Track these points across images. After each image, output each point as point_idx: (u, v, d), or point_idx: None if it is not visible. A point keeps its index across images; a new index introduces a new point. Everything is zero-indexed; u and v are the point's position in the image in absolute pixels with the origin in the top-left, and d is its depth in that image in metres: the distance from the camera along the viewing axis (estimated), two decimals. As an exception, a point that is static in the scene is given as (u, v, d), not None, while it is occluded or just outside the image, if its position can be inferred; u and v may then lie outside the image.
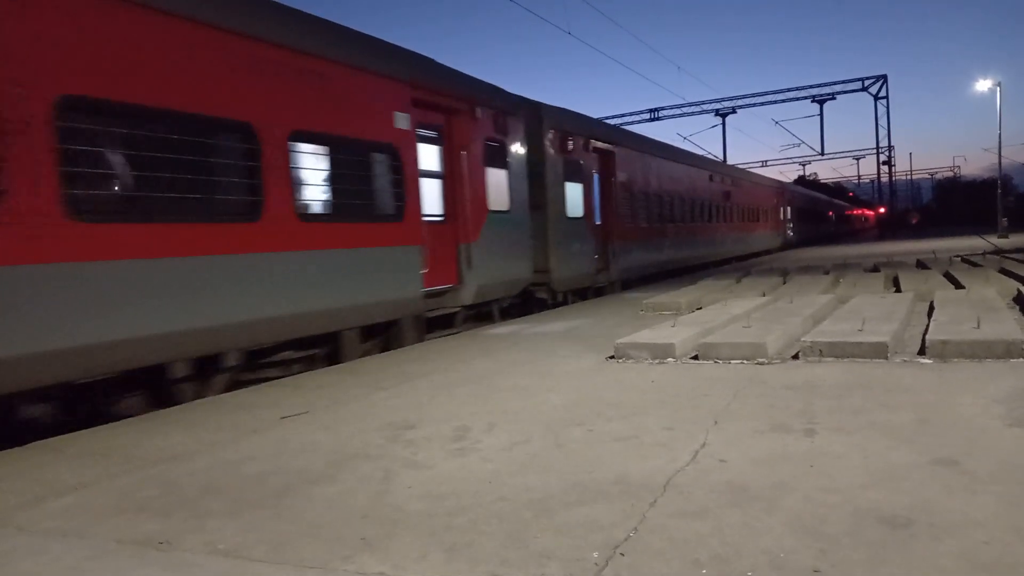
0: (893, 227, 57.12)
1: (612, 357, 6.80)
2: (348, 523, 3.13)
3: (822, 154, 53.46)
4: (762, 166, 69.29)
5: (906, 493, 3.06)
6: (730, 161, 51.18)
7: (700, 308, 10.03)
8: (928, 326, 6.74)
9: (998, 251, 20.74)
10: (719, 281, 14.43)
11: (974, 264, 15.41)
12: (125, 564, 2.85)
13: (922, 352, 6.04)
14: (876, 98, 47.50)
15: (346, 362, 7.89)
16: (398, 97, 8.91)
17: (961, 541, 2.58)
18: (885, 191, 58.79)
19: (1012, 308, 8.22)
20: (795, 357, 6.24)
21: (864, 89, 47.03)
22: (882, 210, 64.01)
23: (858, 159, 79.46)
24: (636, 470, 3.57)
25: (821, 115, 48.64)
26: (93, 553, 2.97)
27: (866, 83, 46.90)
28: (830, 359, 6.07)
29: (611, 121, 39.61)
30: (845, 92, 46.99)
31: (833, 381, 5.29)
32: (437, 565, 2.66)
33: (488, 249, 10.67)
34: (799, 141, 79.13)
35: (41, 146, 5.18)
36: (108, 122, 5.73)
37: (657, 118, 51.35)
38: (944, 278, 11.98)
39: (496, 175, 11.15)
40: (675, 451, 3.84)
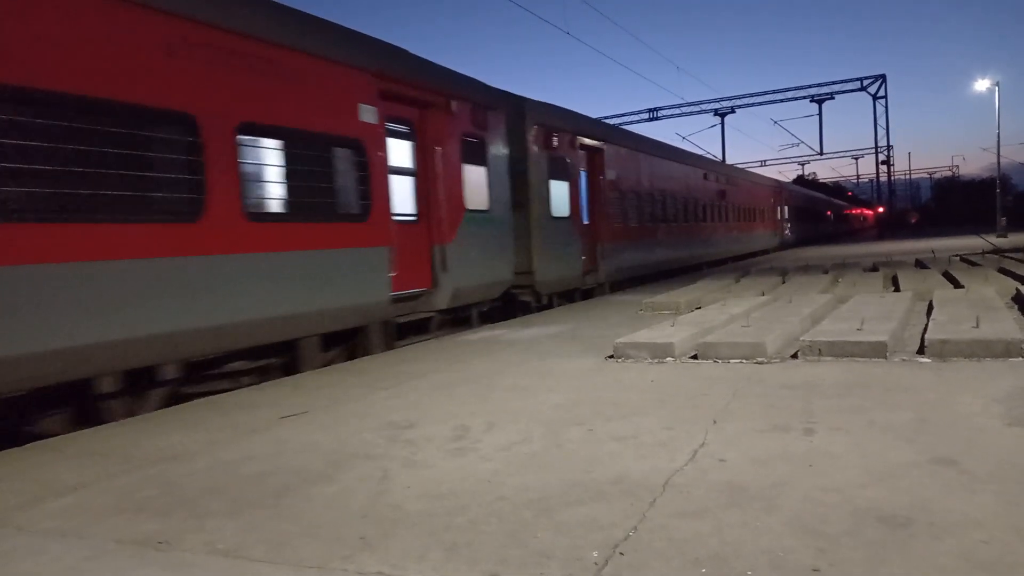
0: (892, 227, 57.20)
1: (611, 357, 6.81)
2: (347, 523, 3.13)
3: (821, 154, 53.53)
4: (761, 166, 69.33)
5: (905, 492, 3.06)
6: (729, 161, 51.21)
7: (699, 308, 10.04)
8: (927, 325, 6.75)
9: (997, 250, 20.76)
10: (718, 281, 14.44)
11: (973, 263, 15.43)
12: (124, 564, 2.85)
13: (921, 351, 6.04)
14: (875, 98, 47.55)
15: (306, 371, 7.38)
16: (363, 89, 8.35)
17: (960, 540, 2.58)
18: (884, 191, 58.86)
19: (1011, 307, 8.23)
20: (794, 356, 6.24)
21: (863, 89, 47.08)
22: (881, 210, 64.05)
23: (857, 159, 79.37)
24: (635, 470, 3.58)
25: (820, 115, 48.76)
26: (92, 553, 2.97)
27: (865, 83, 46.96)
28: (829, 358, 6.07)
29: (610, 121, 39.61)
30: (844, 92, 47.09)
31: (832, 380, 5.30)
32: (436, 564, 2.66)
33: (465, 250, 10.10)
34: (798, 141, 78.98)
35: None
36: (13, 111, 5.06)
37: (656, 118, 51.39)
38: (943, 277, 11.99)
39: (474, 172, 10.58)
40: (674, 451, 3.85)
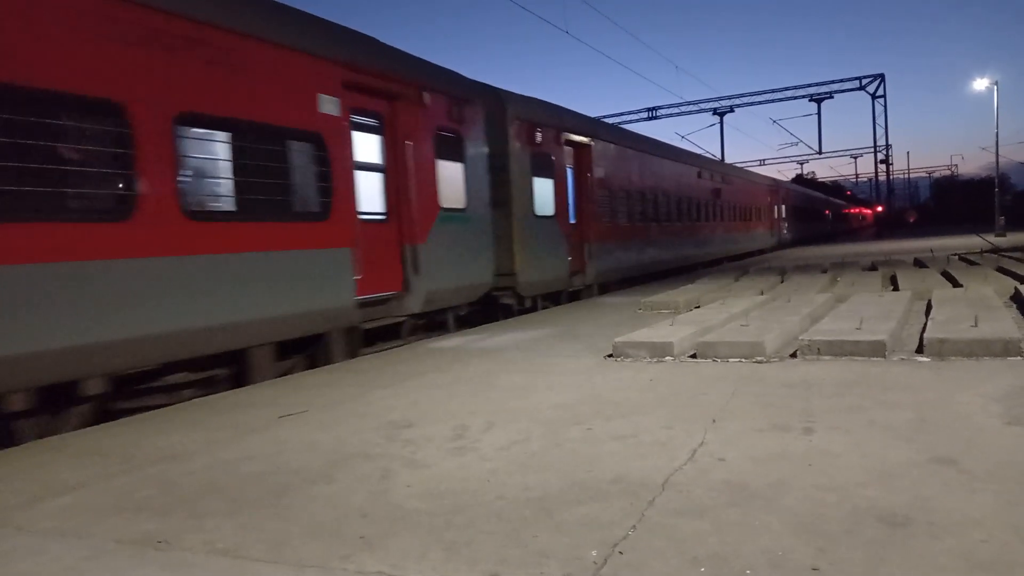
0: (891, 226, 57.27)
1: (610, 356, 6.81)
2: (347, 522, 3.13)
3: (820, 153, 53.63)
4: (760, 165, 69.41)
5: (904, 491, 3.06)
6: (728, 160, 51.22)
7: (698, 307, 10.05)
8: (926, 324, 6.75)
9: (995, 249, 20.77)
10: (717, 280, 14.45)
11: (972, 263, 15.45)
12: (124, 564, 2.85)
13: (920, 350, 6.05)
14: (874, 97, 47.59)
15: (264, 381, 6.86)
16: (324, 78, 7.79)
17: (959, 539, 2.58)
18: (883, 190, 58.91)
19: (1009, 307, 8.24)
20: (793, 356, 6.25)
21: (862, 88, 47.13)
22: (879, 209, 64.11)
23: (856, 158, 79.56)
24: (635, 469, 3.58)
25: (819, 114, 48.81)
26: (92, 553, 2.97)
27: (864, 82, 47.00)
28: (828, 357, 6.08)
29: (609, 120, 39.60)
30: (843, 91, 47.17)
31: (831, 379, 5.30)
32: (436, 564, 2.66)
33: (439, 251, 9.57)
34: (797, 140, 79.31)
35: None
36: None
37: (655, 117, 51.44)
38: (942, 276, 12.00)
39: (450, 169, 10.00)
40: (674, 450, 3.85)
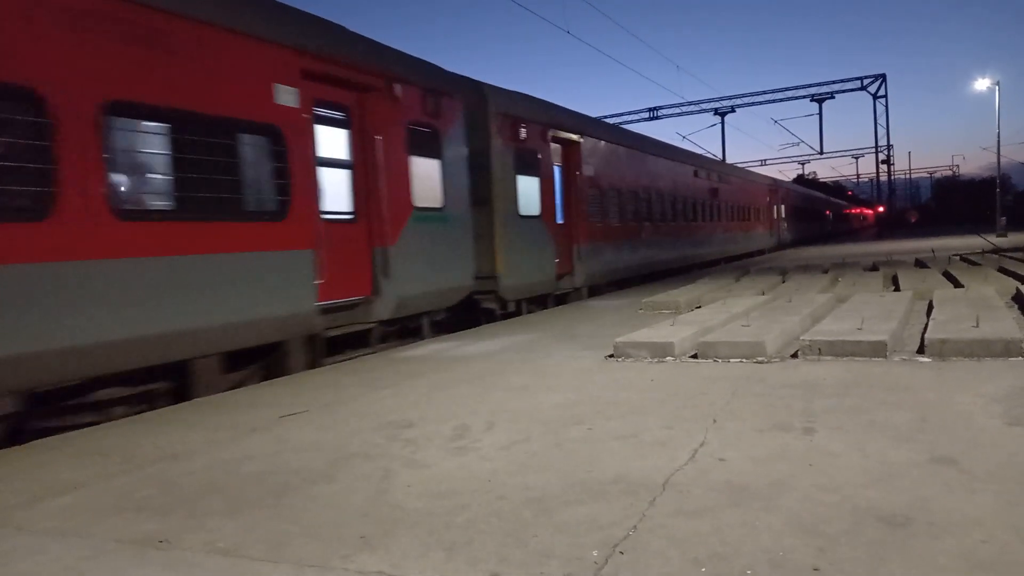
0: (892, 226, 57.23)
1: (611, 356, 6.81)
2: (347, 522, 3.13)
3: (821, 153, 53.59)
4: (761, 165, 69.41)
5: (905, 492, 3.06)
6: (729, 160, 51.19)
7: (699, 307, 10.04)
8: (927, 325, 6.75)
9: (997, 250, 20.76)
10: (717, 280, 14.44)
11: (973, 263, 15.44)
12: (124, 563, 2.85)
13: (921, 351, 6.04)
14: (875, 97, 47.57)
15: (211, 395, 6.29)
16: (281, 66, 7.23)
17: (960, 540, 2.58)
18: (884, 190, 58.89)
19: (1011, 307, 8.23)
20: (794, 356, 6.24)
21: (863, 88, 47.10)
22: (881, 209, 64.07)
23: (857, 158, 79.48)
24: (635, 469, 3.58)
25: (820, 114, 48.81)
26: (92, 553, 2.97)
27: (865, 82, 46.98)
28: (829, 358, 6.07)
29: (610, 120, 39.56)
30: (844, 91, 47.13)
31: (832, 380, 5.29)
32: (437, 564, 2.66)
33: (413, 253, 9.00)
34: (798, 140, 79.27)
35: None
36: None
37: (656, 117, 51.43)
38: (943, 277, 12.00)
39: (424, 166, 9.36)
40: (674, 450, 3.85)
